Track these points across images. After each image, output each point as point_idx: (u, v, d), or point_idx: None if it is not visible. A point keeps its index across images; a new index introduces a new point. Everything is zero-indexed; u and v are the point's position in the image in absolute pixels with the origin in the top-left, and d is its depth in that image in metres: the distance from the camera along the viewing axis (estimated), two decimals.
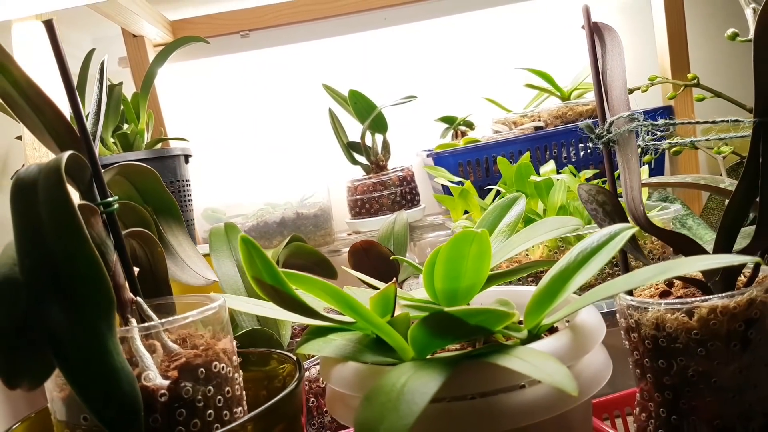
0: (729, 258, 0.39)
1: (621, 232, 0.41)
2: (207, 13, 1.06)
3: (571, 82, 1.11)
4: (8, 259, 0.34)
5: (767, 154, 0.45)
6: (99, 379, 0.34)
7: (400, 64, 1.21)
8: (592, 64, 0.54)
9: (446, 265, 0.43)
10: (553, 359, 0.36)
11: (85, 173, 0.41)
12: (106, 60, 0.48)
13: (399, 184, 1.07)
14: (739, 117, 0.47)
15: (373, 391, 0.36)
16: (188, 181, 0.83)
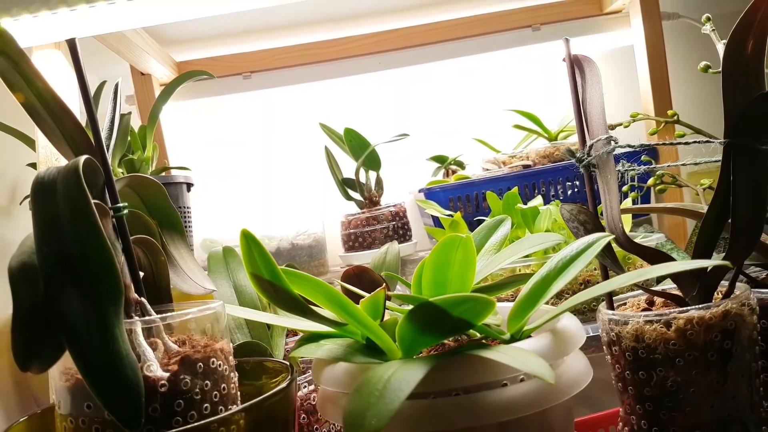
0: (697, 262, 0.42)
1: (598, 240, 0.44)
2: (212, 56, 1.11)
3: (558, 124, 1.16)
4: (27, 248, 0.37)
5: (737, 172, 0.49)
6: (105, 363, 0.36)
7: (393, 105, 1.26)
8: (572, 93, 0.58)
9: (433, 273, 0.46)
10: (533, 354, 0.38)
11: (98, 179, 0.44)
12: (120, 82, 0.52)
13: (391, 219, 1.11)
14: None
15: (362, 383, 0.39)
16: (189, 208, 0.86)
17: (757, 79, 0.50)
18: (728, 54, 0.50)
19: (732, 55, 0.50)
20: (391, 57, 1.13)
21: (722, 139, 0.50)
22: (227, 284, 0.74)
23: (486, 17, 1.14)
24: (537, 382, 0.42)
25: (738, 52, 0.50)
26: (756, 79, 0.50)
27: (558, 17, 1.13)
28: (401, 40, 1.13)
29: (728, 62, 0.50)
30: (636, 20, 1.09)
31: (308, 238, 1.02)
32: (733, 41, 0.50)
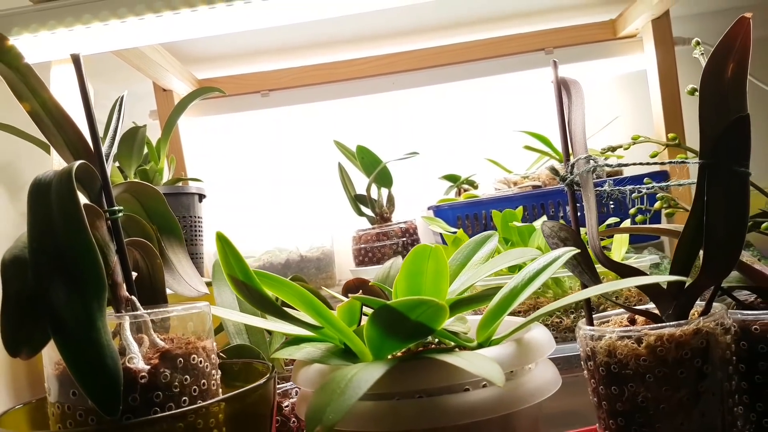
0: (660, 277, 0.43)
1: (564, 254, 0.46)
2: (232, 74, 1.16)
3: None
4: (20, 243, 0.40)
5: (711, 192, 0.50)
6: (87, 351, 0.39)
7: (407, 124, 1.29)
8: (558, 114, 0.60)
9: (407, 282, 0.48)
10: (489, 359, 0.39)
11: (95, 183, 0.48)
12: (125, 96, 0.56)
13: (401, 236, 1.13)
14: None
15: (327, 381, 0.41)
16: (200, 218, 0.89)
17: (736, 102, 0.51)
18: (706, 77, 0.51)
19: (710, 79, 0.51)
20: (404, 77, 1.16)
21: (698, 160, 0.51)
22: (229, 291, 0.76)
23: (499, 40, 1.16)
24: (499, 388, 0.44)
25: (717, 75, 0.51)
26: (736, 101, 0.51)
27: (571, 41, 1.15)
28: (415, 61, 1.16)
29: (706, 85, 0.51)
30: (649, 45, 1.10)
31: (317, 251, 1.04)
32: (711, 64, 0.51)
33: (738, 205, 0.50)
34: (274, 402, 0.51)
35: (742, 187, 0.50)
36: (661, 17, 1.05)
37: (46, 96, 0.46)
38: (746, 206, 0.50)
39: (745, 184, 0.50)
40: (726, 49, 0.51)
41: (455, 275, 0.60)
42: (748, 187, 0.50)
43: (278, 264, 1.02)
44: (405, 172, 1.19)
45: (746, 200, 0.50)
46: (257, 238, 1.09)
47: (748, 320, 0.53)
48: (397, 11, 1.02)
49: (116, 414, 0.40)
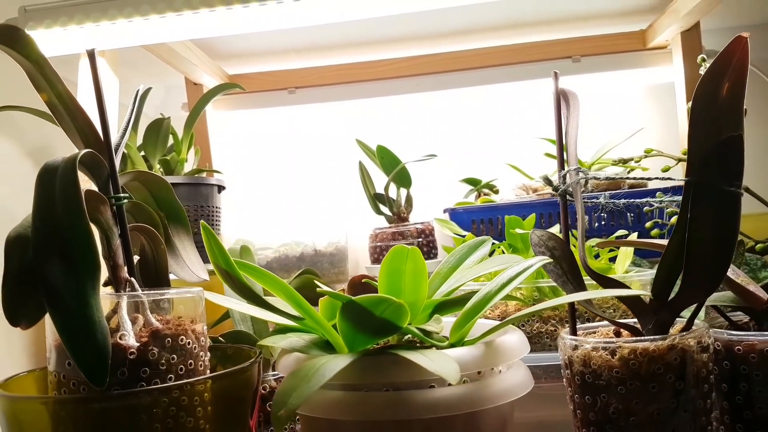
0: (625, 291, 0.44)
1: (535, 263, 0.47)
2: (260, 71, 1.19)
3: (592, 156, 1.17)
4: (26, 223, 0.44)
5: (694, 210, 0.50)
6: (79, 326, 0.42)
7: (429, 126, 1.30)
8: (556, 123, 0.61)
9: (387, 280, 0.50)
10: (450, 359, 0.41)
11: (102, 171, 0.51)
12: (141, 89, 0.59)
13: (417, 236, 1.14)
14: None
15: (297, 369, 0.43)
16: (219, 208, 0.93)
17: (731, 121, 0.51)
18: (699, 95, 0.51)
19: (704, 97, 0.51)
20: (428, 80, 1.18)
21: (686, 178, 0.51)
22: None
23: (525, 46, 1.16)
24: (465, 386, 0.45)
25: (711, 93, 0.51)
26: (730, 121, 0.51)
27: (599, 50, 1.14)
28: (439, 65, 1.17)
29: (698, 102, 0.51)
30: (677, 58, 1.08)
31: (331, 246, 1.07)
32: (706, 82, 0.51)
33: (726, 225, 0.50)
34: (257, 386, 0.54)
35: (731, 206, 0.50)
36: (691, 30, 1.04)
37: (60, 87, 0.49)
38: (735, 227, 0.50)
39: (735, 203, 0.50)
40: (722, 67, 0.51)
41: (447, 277, 0.61)
42: (738, 207, 0.50)
43: (293, 257, 1.05)
44: (425, 174, 1.21)
45: (735, 220, 0.50)
46: (277, 230, 1.12)
47: (732, 340, 0.53)
48: (423, 15, 1.03)
49: (103, 384, 0.43)
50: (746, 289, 0.56)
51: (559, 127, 0.61)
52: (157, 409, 0.46)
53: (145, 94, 0.89)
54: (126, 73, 1.00)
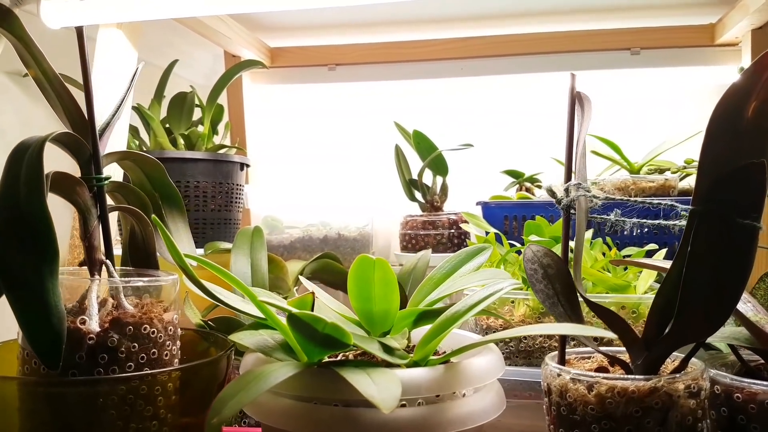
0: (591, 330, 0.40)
1: (504, 288, 0.44)
2: (301, 45, 1.17)
3: (644, 158, 1.09)
4: None
5: (696, 242, 0.45)
6: (34, 309, 0.43)
7: (471, 112, 1.25)
8: (568, 129, 0.56)
9: (357, 286, 0.48)
10: (395, 382, 0.39)
11: (83, 151, 0.51)
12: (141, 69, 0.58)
13: (449, 227, 1.11)
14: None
15: (245, 374, 0.42)
16: (240, 185, 0.92)
17: (755, 146, 0.45)
18: (718, 115, 0.45)
19: (723, 117, 0.45)
20: (474, 63, 1.13)
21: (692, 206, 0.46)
22: (245, 261, 0.79)
23: (580, 34, 1.09)
24: (423, 409, 0.43)
25: (733, 113, 0.45)
26: (754, 145, 0.45)
27: (661, 43, 1.06)
28: (486, 48, 1.12)
29: (716, 124, 0.46)
30: (746, 57, 0.99)
31: (355, 231, 1.05)
32: (728, 100, 0.45)
33: (735, 263, 0.45)
34: (224, 379, 0.53)
35: (745, 242, 0.44)
36: (763, 27, 0.94)
37: (46, 65, 0.49)
38: (746, 265, 0.45)
39: (750, 239, 0.45)
40: (749, 84, 0.45)
41: (439, 283, 0.58)
42: (753, 243, 0.45)
43: (317, 239, 1.04)
44: (464, 162, 1.16)
45: (747, 258, 0.45)
46: (306, 210, 1.12)
47: (733, 386, 0.48)
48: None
49: (56, 368, 0.43)
50: (761, 330, 0.51)
51: (570, 133, 0.56)
52: (113, 396, 0.46)
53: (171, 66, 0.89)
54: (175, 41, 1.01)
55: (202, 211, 0.86)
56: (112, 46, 0.70)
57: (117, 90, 0.62)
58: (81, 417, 0.46)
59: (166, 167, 0.84)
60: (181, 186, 0.84)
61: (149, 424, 0.48)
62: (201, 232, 0.87)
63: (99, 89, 0.70)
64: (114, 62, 0.71)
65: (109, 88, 0.70)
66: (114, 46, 0.70)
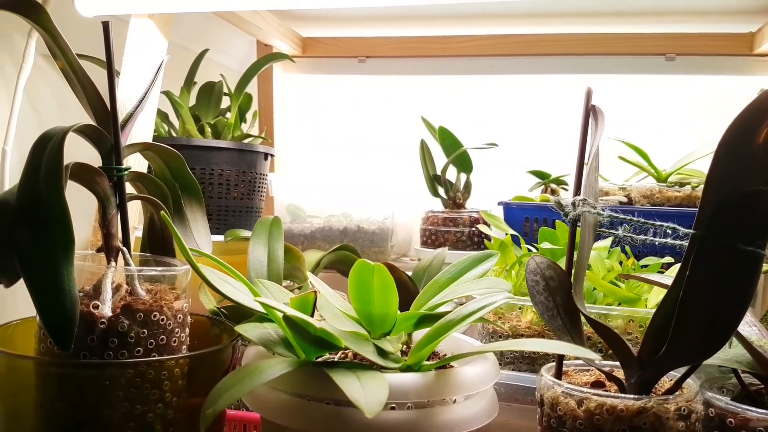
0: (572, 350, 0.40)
1: (497, 302, 0.45)
2: (333, 36, 1.18)
3: (673, 166, 1.07)
4: (13, 189, 0.46)
5: (695, 267, 0.45)
6: (49, 293, 0.45)
7: (498, 110, 1.24)
8: (580, 142, 0.56)
9: (357, 290, 0.49)
10: (382, 387, 0.40)
11: (105, 142, 0.53)
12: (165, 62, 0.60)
13: (469, 225, 1.11)
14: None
15: (242, 368, 0.44)
16: (264, 174, 0.94)
17: (764, 172, 0.45)
18: (727, 140, 0.45)
19: (732, 142, 0.45)
20: (504, 62, 1.12)
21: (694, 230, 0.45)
22: (263, 250, 0.81)
23: (614, 37, 1.07)
24: (411, 413, 0.44)
25: (743, 139, 0.45)
26: (763, 171, 0.45)
27: (697, 50, 1.03)
28: (517, 47, 1.11)
29: (725, 149, 0.45)
30: None
31: (374, 224, 1.06)
32: (738, 125, 0.45)
33: (734, 290, 0.44)
34: (228, 366, 0.55)
35: (747, 268, 0.44)
36: None
37: (71, 57, 0.51)
38: (747, 292, 0.45)
39: (753, 266, 0.44)
40: (761, 109, 0.44)
41: (443, 287, 0.59)
42: (756, 270, 0.45)
43: (337, 230, 1.06)
44: (489, 160, 1.16)
45: (749, 285, 0.45)
46: (329, 200, 1.13)
47: (727, 411, 0.48)
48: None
49: (68, 349, 0.46)
50: (762, 356, 0.50)
51: (582, 146, 0.56)
52: (121, 378, 0.49)
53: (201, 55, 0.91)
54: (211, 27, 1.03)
55: (225, 199, 0.88)
56: (143, 36, 0.72)
57: (146, 79, 0.64)
58: (89, 396, 0.48)
59: (191, 154, 0.87)
60: (206, 173, 0.86)
61: (154, 406, 0.50)
62: (223, 219, 0.89)
63: (129, 78, 0.73)
64: (145, 51, 0.73)
65: (139, 77, 0.72)
66: (145, 36, 0.72)
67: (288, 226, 1.09)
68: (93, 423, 0.48)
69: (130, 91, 0.72)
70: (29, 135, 0.82)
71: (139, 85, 0.69)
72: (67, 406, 0.48)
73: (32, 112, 0.80)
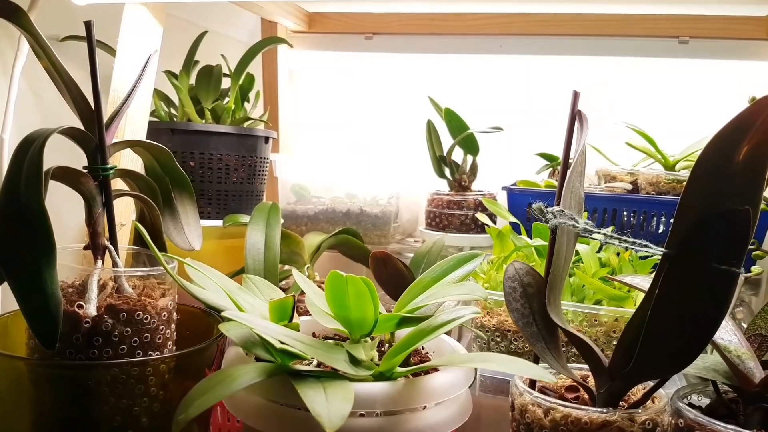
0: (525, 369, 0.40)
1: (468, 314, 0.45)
2: (340, 11, 1.16)
3: (681, 152, 1.05)
4: None
5: (664, 285, 0.44)
6: (32, 297, 0.47)
7: (508, 91, 1.22)
8: (564, 147, 0.56)
9: (333, 297, 0.50)
10: (347, 399, 0.41)
11: (89, 143, 0.54)
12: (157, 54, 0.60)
13: (474, 208, 1.10)
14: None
15: (216, 374, 0.45)
16: (264, 158, 0.95)
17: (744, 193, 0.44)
18: (706, 157, 0.44)
19: (711, 159, 0.44)
20: (514, 41, 1.09)
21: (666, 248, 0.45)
22: (260, 236, 0.82)
23: (626, 18, 1.04)
24: (379, 420, 0.45)
25: (722, 156, 0.44)
26: (743, 192, 0.44)
27: (712, 33, 1.00)
28: (528, 26, 1.08)
29: (703, 166, 0.44)
30: None
31: (377, 207, 1.06)
32: (717, 143, 0.44)
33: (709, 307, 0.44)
34: (212, 362, 0.57)
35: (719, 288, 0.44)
36: None
37: (54, 58, 0.52)
38: (719, 312, 0.44)
39: (729, 285, 0.44)
40: (741, 127, 0.44)
41: (427, 287, 0.60)
42: (730, 290, 0.44)
43: (340, 212, 1.06)
44: (495, 142, 1.14)
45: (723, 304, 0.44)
46: (334, 181, 1.13)
47: (696, 422, 0.48)
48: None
49: (52, 348, 0.47)
50: (735, 367, 0.50)
51: (566, 151, 0.55)
52: (106, 375, 0.51)
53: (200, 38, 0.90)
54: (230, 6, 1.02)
55: (224, 184, 0.89)
56: (137, 24, 0.72)
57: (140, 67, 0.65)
58: (75, 393, 0.50)
59: (190, 139, 0.87)
60: (205, 158, 0.87)
61: (140, 400, 0.52)
62: (223, 204, 0.90)
63: (123, 66, 0.73)
64: (139, 39, 0.73)
65: (134, 66, 0.72)
66: (139, 23, 0.72)
67: (292, 207, 1.10)
68: (80, 417, 0.51)
69: (124, 81, 0.72)
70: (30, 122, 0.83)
71: (133, 73, 0.69)
72: (54, 402, 0.51)
73: (32, 97, 0.81)
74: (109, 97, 0.71)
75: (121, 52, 0.71)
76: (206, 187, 0.88)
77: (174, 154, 0.86)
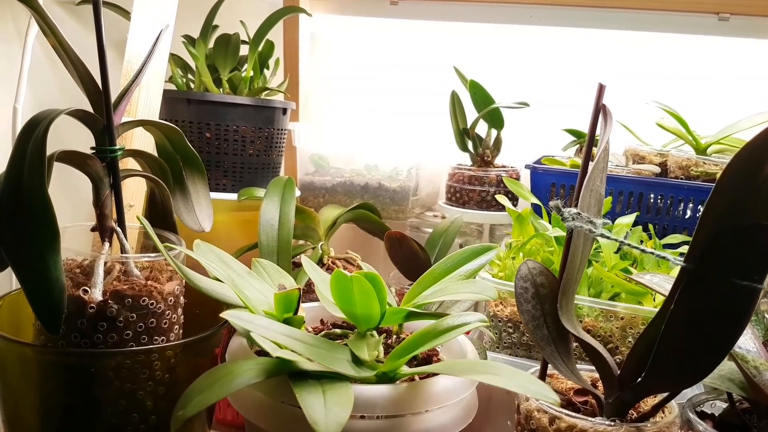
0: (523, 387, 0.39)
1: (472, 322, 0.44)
2: None
3: (714, 135, 1.00)
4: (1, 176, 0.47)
5: (681, 298, 0.42)
6: (37, 283, 0.46)
7: (537, 64, 1.17)
8: (588, 142, 0.53)
9: (338, 295, 0.49)
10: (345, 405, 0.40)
11: (97, 124, 0.53)
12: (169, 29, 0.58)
13: (495, 185, 1.08)
14: None
15: (216, 369, 0.45)
16: (282, 129, 0.93)
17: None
18: (732, 170, 0.42)
19: (737, 172, 0.42)
20: (546, 12, 1.04)
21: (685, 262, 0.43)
22: (275, 211, 0.81)
23: None
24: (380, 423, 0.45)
25: (749, 169, 0.41)
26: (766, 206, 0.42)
27: (755, 10, 0.94)
28: None
29: (728, 179, 0.42)
30: None
31: (395, 182, 1.04)
32: (745, 155, 0.41)
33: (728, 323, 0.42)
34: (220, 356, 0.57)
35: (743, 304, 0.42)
36: None
37: (60, 37, 0.50)
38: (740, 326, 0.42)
39: (749, 301, 0.42)
40: None
41: (438, 279, 0.59)
42: (749, 306, 0.42)
43: (358, 185, 1.05)
44: (521, 116, 1.10)
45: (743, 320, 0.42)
46: (353, 153, 1.11)
47: None
48: None
49: (56, 333, 0.47)
50: (751, 379, 0.48)
51: (588, 148, 0.52)
52: (110, 361, 0.51)
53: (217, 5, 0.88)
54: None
55: (241, 156, 0.88)
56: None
57: (157, 32, 0.63)
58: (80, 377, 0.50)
59: (206, 109, 0.86)
60: (221, 129, 0.85)
61: (145, 384, 0.52)
62: (239, 176, 0.89)
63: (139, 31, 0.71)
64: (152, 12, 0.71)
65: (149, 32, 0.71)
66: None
67: (310, 178, 1.09)
68: (85, 401, 0.51)
69: (139, 48, 0.71)
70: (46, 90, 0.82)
71: (148, 41, 0.67)
72: (58, 385, 0.51)
73: (49, 63, 0.80)
74: (123, 68, 0.69)
75: (136, 17, 0.70)
76: (222, 159, 0.87)
77: (190, 125, 0.86)
